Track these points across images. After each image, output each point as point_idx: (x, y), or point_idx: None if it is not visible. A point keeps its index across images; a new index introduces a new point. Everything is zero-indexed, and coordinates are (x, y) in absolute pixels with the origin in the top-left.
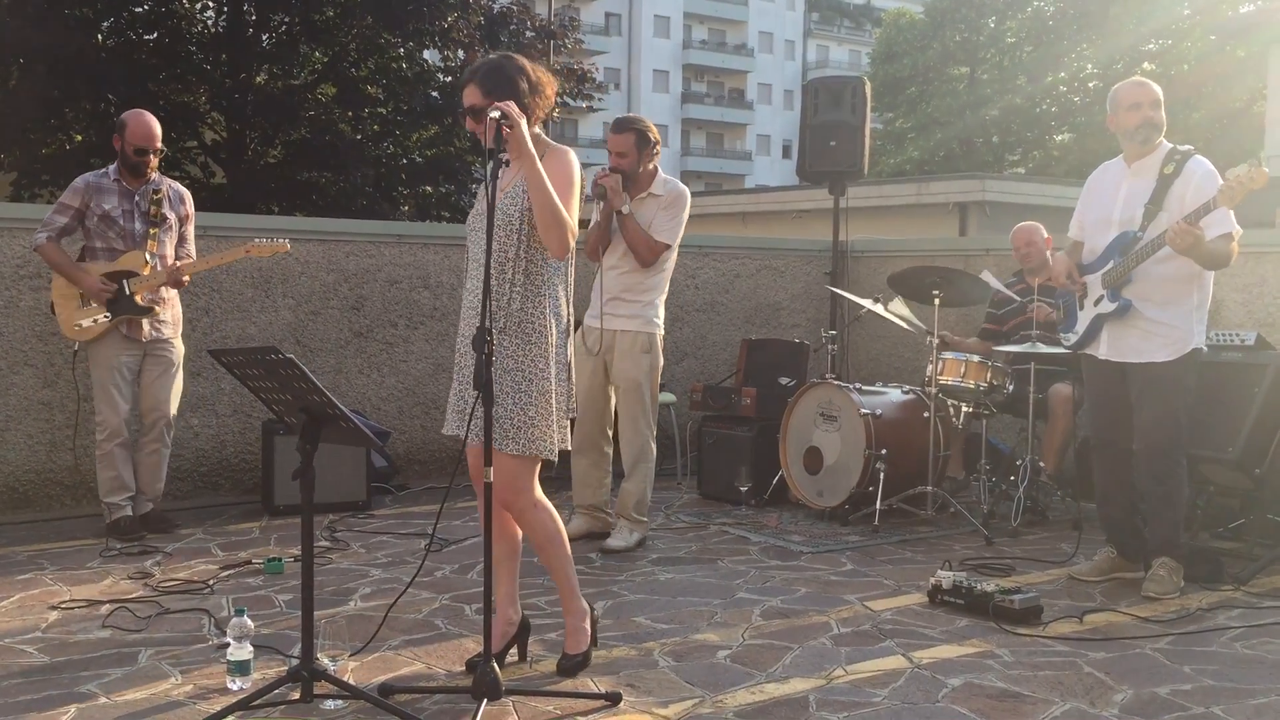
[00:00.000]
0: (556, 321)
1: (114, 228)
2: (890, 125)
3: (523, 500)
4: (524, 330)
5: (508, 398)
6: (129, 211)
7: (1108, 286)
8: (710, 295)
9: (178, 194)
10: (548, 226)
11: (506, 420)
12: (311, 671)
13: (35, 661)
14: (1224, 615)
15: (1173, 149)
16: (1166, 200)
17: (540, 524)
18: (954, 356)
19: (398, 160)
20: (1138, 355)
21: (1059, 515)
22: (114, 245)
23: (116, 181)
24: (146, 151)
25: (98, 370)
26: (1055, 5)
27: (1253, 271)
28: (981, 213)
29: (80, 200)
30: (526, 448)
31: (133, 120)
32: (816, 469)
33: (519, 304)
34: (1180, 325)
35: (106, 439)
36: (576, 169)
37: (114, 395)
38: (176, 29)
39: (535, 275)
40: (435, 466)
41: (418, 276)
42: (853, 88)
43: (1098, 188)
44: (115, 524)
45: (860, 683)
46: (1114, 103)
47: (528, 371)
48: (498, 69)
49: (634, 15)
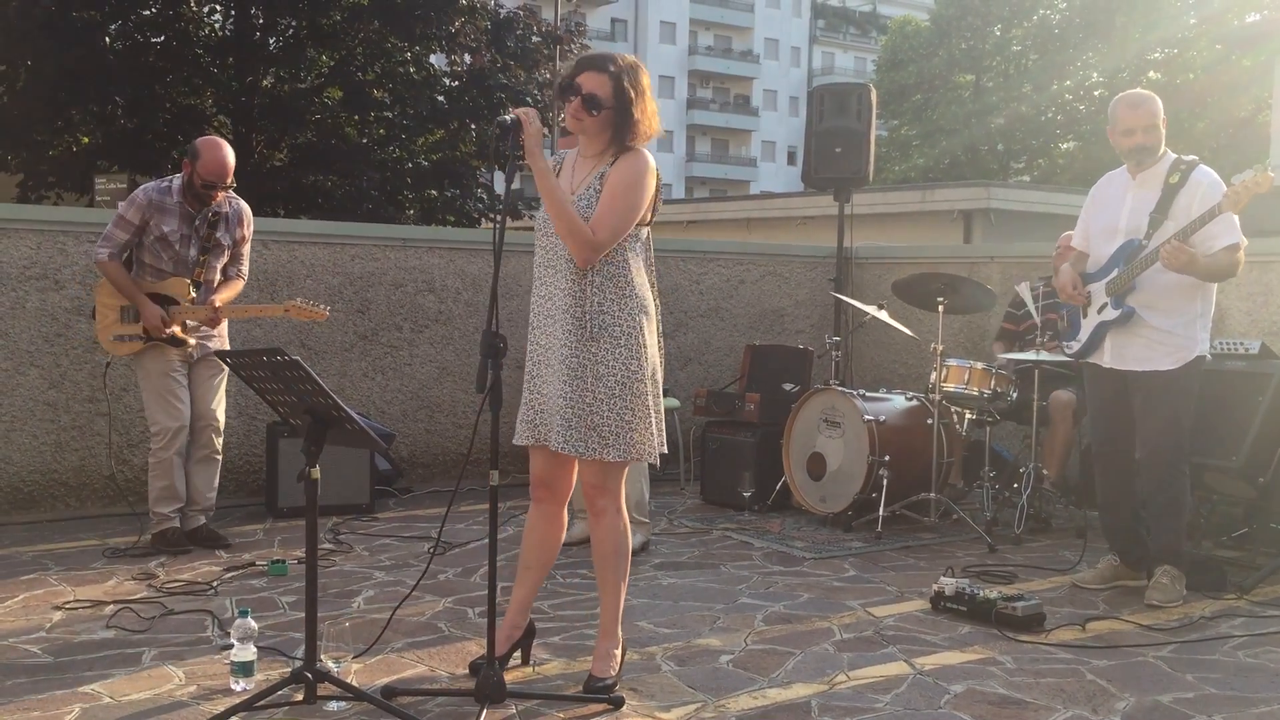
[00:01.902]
0: (646, 320)
1: (168, 250)
2: (895, 132)
3: (613, 501)
4: (613, 333)
5: (602, 404)
6: (186, 236)
7: (1111, 294)
8: (714, 300)
9: (237, 213)
10: (563, 237)
11: (604, 427)
12: (315, 673)
13: (39, 661)
14: (1227, 624)
15: (1177, 159)
16: (1172, 209)
17: (619, 531)
18: (957, 363)
19: (403, 164)
20: (1141, 364)
21: (1062, 523)
22: (163, 267)
23: (179, 203)
24: (216, 186)
25: (149, 379)
26: (1061, 14)
27: (1257, 280)
28: (986, 220)
29: (141, 217)
30: (627, 453)
31: (206, 153)
32: (820, 475)
33: (605, 306)
34: (1184, 333)
35: (163, 447)
36: (644, 172)
37: (169, 401)
38: (184, 32)
39: (618, 276)
40: (439, 470)
41: (423, 280)
42: (858, 94)
43: (1102, 197)
44: (162, 535)
45: (862, 688)
46: (1111, 121)
47: (621, 375)
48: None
49: (640, 21)
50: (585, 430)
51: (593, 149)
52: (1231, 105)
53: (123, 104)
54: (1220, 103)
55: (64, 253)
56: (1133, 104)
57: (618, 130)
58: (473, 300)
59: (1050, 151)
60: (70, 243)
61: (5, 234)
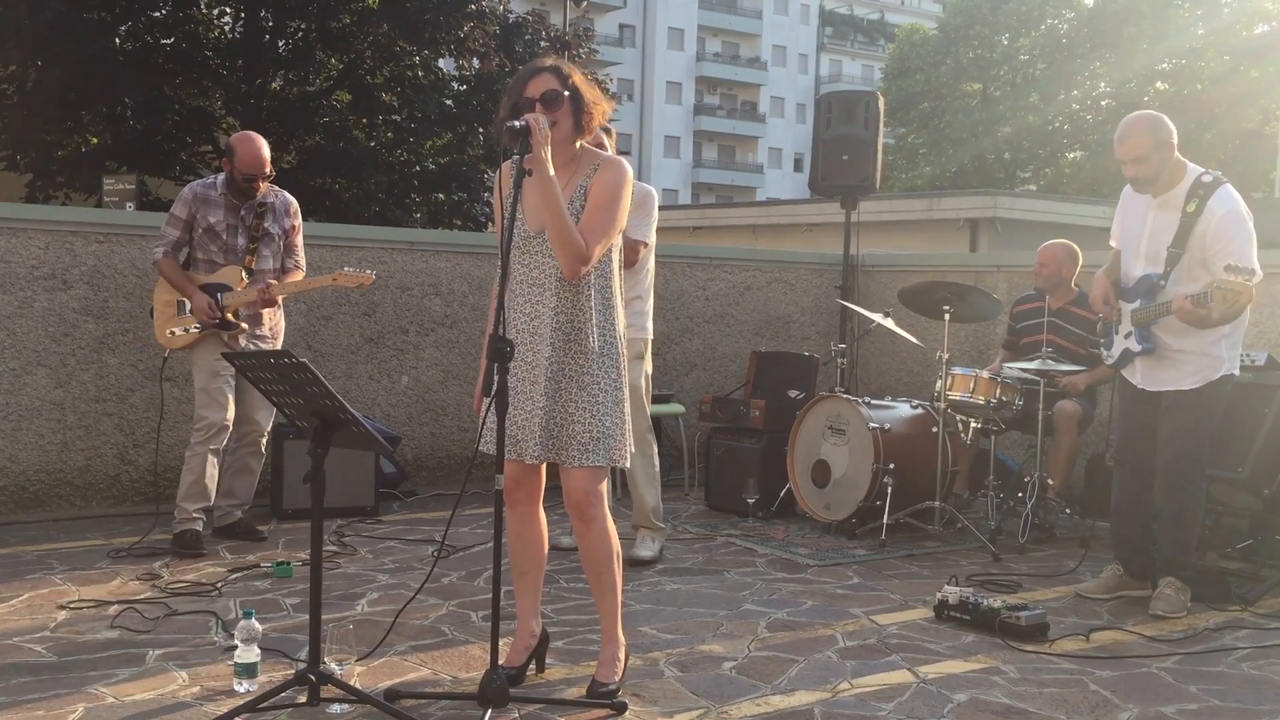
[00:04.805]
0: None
1: (216, 241)
2: (902, 140)
3: (601, 507)
4: (600, 345)
5: (585, 412)
6: (233, 226)
7: (1135, 325)
8: (720, 307)
9: (284, 205)
10: (557, 248)
11: (585, 435)
12: (318, 675)
13: (43, 660)
14: (1231, 635)
15: (1197, 181)
16: (1189, 243)
17: (609, 537)
18: (963, 372)
19: (411, 167)
20: (1169, 384)
21: (1066, 533)
22: (214, 259)
23: (223, 195)
24: (255, 178)
25: (200, 374)
26: (1069, 23)
27: (1264, 292)
28: (993, 229)
29: (187, 211)
30: (605, 459)
31: (241, 148)
32: (824, 482)
33: (595, 319)
34: (1210, 353)
35: (201, 441)
36: (625, 182)
37: (214, 397)
38: (194, 34)
39: (604, 288)
40: (443, 473)
41: (429, 283)
42: (866, 102)
43: (1130, 206)
44: (180, 536)
45: (865, 696)
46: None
47: (604, 384)
48: (560, 61)
49: (648, 27)
50: (575, 439)
51: (563, 156)
52: (1240, 116)
53: (132, 105)
54: (1228, 114)
55: (72, 253)
56: (1120, 137)
57: (576, 118)
58: (479, 304)
59: (1057, 161)
60: (78, 243)
61: (14, 234)
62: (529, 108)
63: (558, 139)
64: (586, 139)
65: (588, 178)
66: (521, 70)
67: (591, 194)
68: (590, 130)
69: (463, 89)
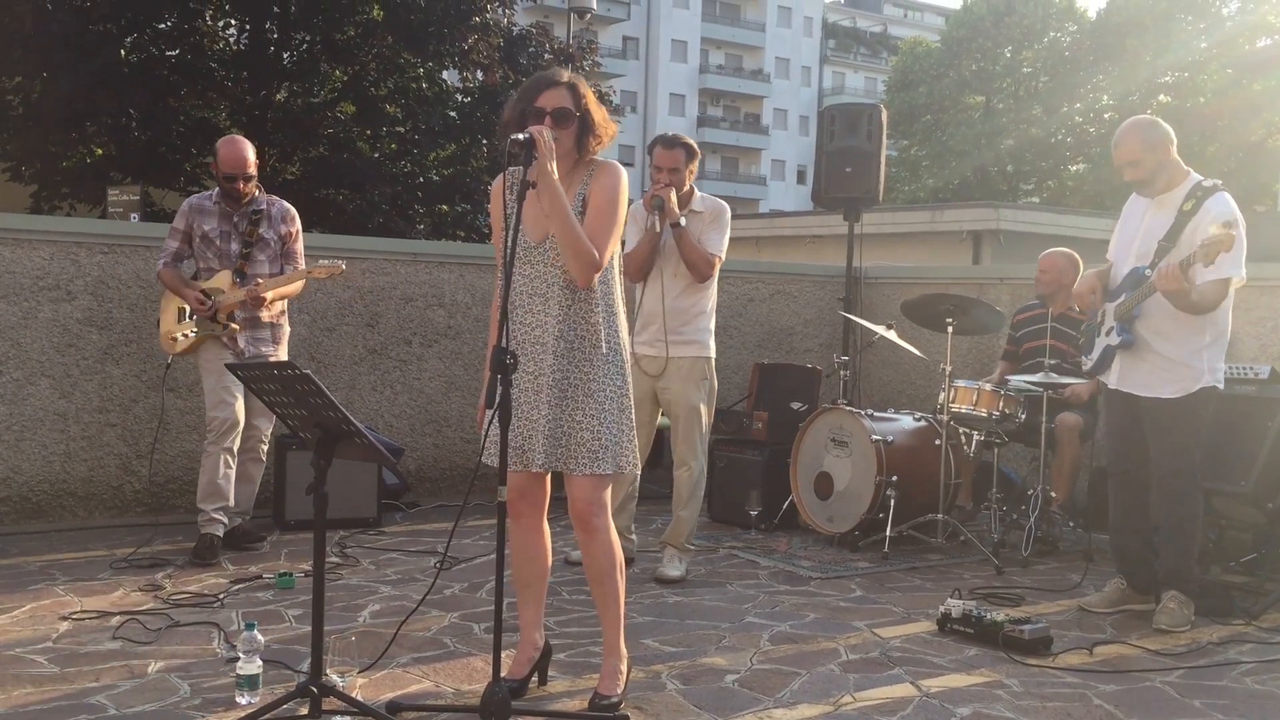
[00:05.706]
0: (625, 336)
1: (211, 248)
2: (905, 153)
3: (605, 518)
4: (604, 351)
5: (591, 419)
6: (226, 233)
7: (1117, 320)
8: (723, 319)
9: (281, 212)
10: (569, 257)
11: (593, 442)
12: (320, 687)
13: (45, 671)
14: (1235, 650)
15: (1197, 185)
16: (1181, 237)
17: (612, 547)
18: (966, 384)
19: (415, 179)
20: (1147, 390)
21: (1070, 546)
22: (211, 265)
23: (217, 204)
24: (236, 178)
25: (207, 376)
26: (1072, 36)
27: (1267, 305)
28: (995, 241)
29: (185, 222)
30: (613, 466)
31: (223, 149)
32: (827, 494)
33: (600, 326)
34: (1191, 363)
35: (212, 440)
36: (622, 184)
37: (222, 396)
38: (199, 46)
39: (608, 295)
40: (446, 484)
41: (432, 295)
42: (869, 114)
43: (1129, 214)
44: (199, 542)
45: (868, 710)
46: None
47: (610, 390)
48: (577, 78)
49: (652, 39)
50: (582, 446)
51: (562, 169)
52: (1242, 129)
53: (137, 116)
54: (1231, 127)
55: (76, 264)
56: (1115, 142)
57: (580, 139)
58: (482, 315)
59: (1060, 173)
60: (83, 254)
61: (18, 244)
62: (538, 117)
63: (558, 154)
64: (586, 158)
65: (585, 185)
66: (537, 77)
67: (591, 199)
68: (593, 152)
69: (467, 101)
